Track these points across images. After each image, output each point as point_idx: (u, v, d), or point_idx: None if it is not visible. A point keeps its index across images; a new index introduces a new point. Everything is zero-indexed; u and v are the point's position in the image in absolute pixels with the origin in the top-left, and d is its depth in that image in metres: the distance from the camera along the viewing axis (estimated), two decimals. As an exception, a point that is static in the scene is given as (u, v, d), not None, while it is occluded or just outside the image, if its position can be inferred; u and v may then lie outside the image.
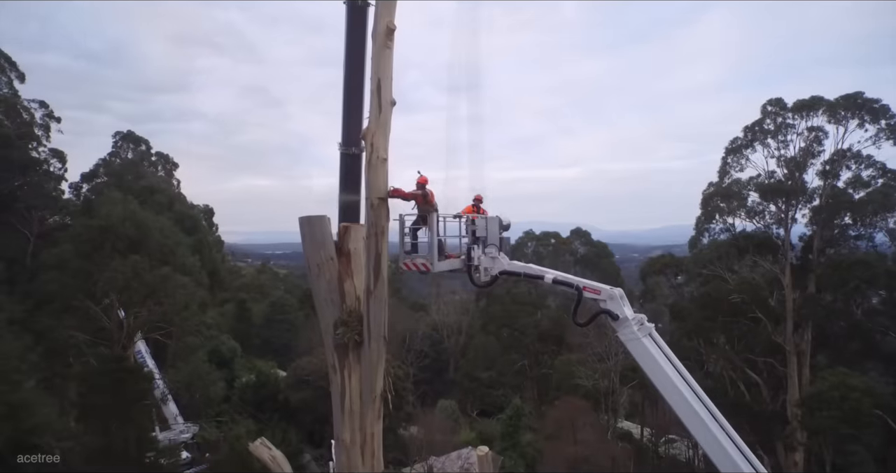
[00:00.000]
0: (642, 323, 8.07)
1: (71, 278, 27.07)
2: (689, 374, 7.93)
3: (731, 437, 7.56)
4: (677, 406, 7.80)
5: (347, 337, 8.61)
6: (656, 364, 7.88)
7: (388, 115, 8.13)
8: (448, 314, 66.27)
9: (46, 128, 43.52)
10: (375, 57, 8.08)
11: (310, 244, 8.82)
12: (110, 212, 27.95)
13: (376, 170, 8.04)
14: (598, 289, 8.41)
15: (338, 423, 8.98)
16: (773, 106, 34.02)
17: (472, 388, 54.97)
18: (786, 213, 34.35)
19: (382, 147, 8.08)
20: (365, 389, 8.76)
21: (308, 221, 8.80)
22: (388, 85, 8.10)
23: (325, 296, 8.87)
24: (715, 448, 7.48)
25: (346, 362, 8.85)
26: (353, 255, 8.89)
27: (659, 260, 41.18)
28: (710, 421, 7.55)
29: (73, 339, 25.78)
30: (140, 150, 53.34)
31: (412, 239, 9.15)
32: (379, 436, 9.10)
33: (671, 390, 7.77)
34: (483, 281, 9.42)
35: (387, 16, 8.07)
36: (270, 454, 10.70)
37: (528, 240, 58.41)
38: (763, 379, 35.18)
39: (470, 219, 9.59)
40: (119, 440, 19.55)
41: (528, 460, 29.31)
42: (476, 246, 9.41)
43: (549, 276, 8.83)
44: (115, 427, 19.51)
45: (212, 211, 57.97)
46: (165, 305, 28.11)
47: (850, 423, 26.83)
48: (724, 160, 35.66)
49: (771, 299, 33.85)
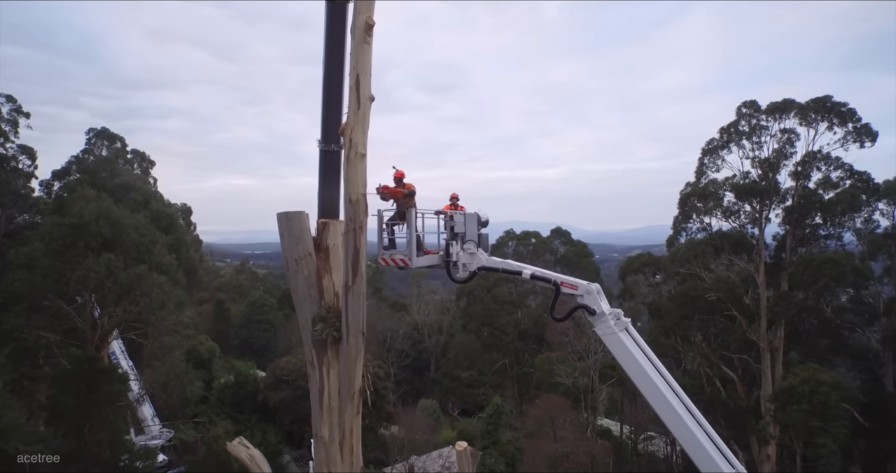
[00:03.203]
0: (619, 318, 8.19)
1: (41, 277, 26.30)
2: (664, 368, 8.08)
3: (704, 429, 7.72)
4: (653, 400, 7.94)
5: (326, 333, 8.55)
6: (632, 358, 8.01)
7: (367, 111, 8.11)
8: (429, 313, 66.34)
9: (14, 123, 42.14)
10: (354, 52, 8.04)
11: (288, 240, 8.76)
12: (83, 209, 27.22)
13: (355, 165, 8.01)
14: (576, 285, 8.52)
15: (316, 420, 8.91)
16: (747, 108, 34.76)
17: (453, 387, 55.12)
18: (760, 213, 35.13)
19: (361, 142, 8.05)
20: (343, 385, 8.71)
21: (286, 217, 8.74)
22: (366, 80, 8.07)
23: (303, 292, 8.81)
24: (690, 441, 7.64)
25: (324, 358, 8.79)
26: (332, 251, 8.85)
27: (637, 260, 41.75)
28: (684, 414, 7.70)
29: (43, 340, 25.06)
30: (115, 148, 52.14)
31: (389, 235, 9.15)
32: (358, 432, 9.06)
33: (647, 383, 7.90)
34: (461, 276, 9.46)
35: (366, 11, 8.03)
36: (248, 453, 10.52)
37: (508, 240, 58.69)
38: (738, 375, 35.92)
39: (449, 215, 9.62)
40: (92, 443, 19.09)
41: (509, 458, 29.48)
42: (454, 243, 9.43)
43: (527, 272, 8.91)
44: (88, 430, 19.06)
45: (189, 209, 57.02)
46: (141, 304, 27.52)
47: (819, 416, 27.61)
48: (700, 161, 36.35)
49: (746, 297, 34.57)
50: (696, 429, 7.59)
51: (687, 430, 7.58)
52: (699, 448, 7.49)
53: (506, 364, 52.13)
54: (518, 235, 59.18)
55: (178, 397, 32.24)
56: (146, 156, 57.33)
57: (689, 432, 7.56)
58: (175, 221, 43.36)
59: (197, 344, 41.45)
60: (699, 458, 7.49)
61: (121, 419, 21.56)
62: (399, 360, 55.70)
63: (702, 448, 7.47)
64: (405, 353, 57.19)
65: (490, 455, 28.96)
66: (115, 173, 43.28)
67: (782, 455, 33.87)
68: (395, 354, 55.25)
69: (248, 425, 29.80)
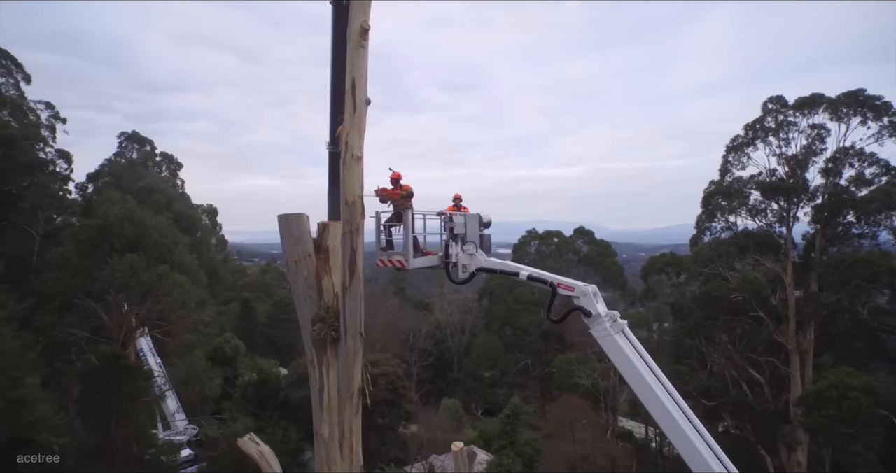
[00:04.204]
0: (615, 320, 8.11)
1: (70, 277, 27.45)
2: (660, 371, 7.97)
3: (702, 435, 7.60)
4: (648, 403, 7.85)
5: (324, 333, 8.70)
6: (628, 361, 7.93)
7: (363, 114, 8.23)
8: (451, 313, 66.37)
9: (52, 128, 43.97)
10: (350, 56, 8.16)
11: (287, 242, 8.93)
12: (108, 211, 28.31)
13: (351, 168, 8.13)
14: (572, 286, 8.47)
15: (316, 418, 9.08)
16: (773, 103, 33.78)
17: (476, 387, 55.12)
18: (787, 211, 34.10)
19: (357, 145, 8.17)
20: (342, 384, 8.86)
21: (286, 219, 8.91)
22: (362, 84, 8.19)
23: (303, 293, 8.98)
24: (685, 445, 7.54)
25: (323, 358, 8.95)
26: (332, 252, 8.99)
27: (659, 259, 40.97)
28: (678, 416, 7.59)
29: (72, 337, 26.16)
30: (144, 150, 53.86)
31: (387, 237, 9.24)
32: (358, 431, 9.19)
33: (642, 386, 7.82)
34: (461, 277, 9.48)
35: (361, 15, 8.13)
36: (258, 449, 10.73)
37: (530, 240, 58.30)
38: (766, 378, 34.94)
39: (448, 216, 9.66)
40: (117, 437, 19.80)
41: (526, 459, 29.33)
42: (454, 243, 9.47)
43: (524, 273, 8.89)
44: (114, 424, 19.79)
45: (215, 210, 58.39)
46: (162, 303, 28.42)
47: (849, 423, 26.61)
48: (724, 158, 35.47)
49: (773, 298, 33.60)
50: (689, 430, 7.49)
51: (680, 431, 7.50)
52: (693, 450, 7.41)
53: (528, 364, 51.89)
54: (540, 235, 58.70)
55: (197, 394, 33.12)
56: (174, 158, 59.04)
57: (683, 433, 7.48)
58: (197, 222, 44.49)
59: (222, 343, 42.48)
60: (692, 459, 7.40)
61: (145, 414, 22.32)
62: (422, 359, 55.96)
63: (695, 449, 7.39)
64: (428, 352, 57.41)
65: (507, 456, 28.87)
66: (139, 176, 44.67)
67: (814, 461, 32.76)
68: (417, 353, 55.52)
69: (269, 422, 30.41)
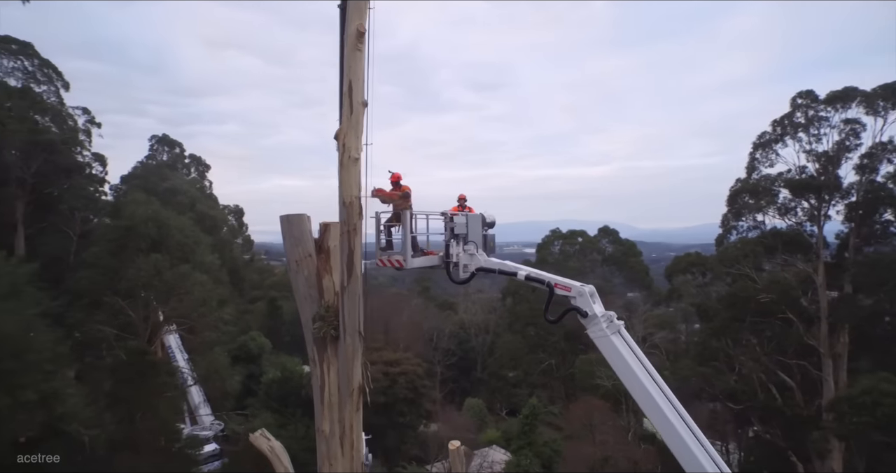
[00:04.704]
0: (612, 321, 8.06)
1: (100, 275, 28.68)
2: (657, 373, 7.89)
3: (698, 439, 7.50)
4: (644, 405, 7.78)
5: (324, 331, 8.88)
6: (624, 362, 7.87)
7: (360, 116, 8.36)
8: (475, 313, 66.35)
9: (88, 133, 45.85)
10: (347, 59, 8.32)
11: (289, 242, 9.13)
12: (134, 212, 29.49)
13: (348, 169, 8.28)
14: (569, 286, 8.44)
15: (318, 414, 9.27)
16: (803, 98, 32.62)
17: (500, 387, 54.95)
18: (818, 210, 32.91)
19: (354, 147, 8.33)
20: (342, 382, 9.02)
21: (287, 220, 9.12)
22: (359, 86, 8.33)
23: (304, 292, 9.17)
24: (681, 449, 7.43)
25: (324, 355, 9.13)
26: (333, 252, 9.16)
27: (684, 259, 40.08)
28: (674, 419, 7.49)
29: (101, 333, 27.36)
30: (174, 153, 55.59)
31: (387, 236, 9.36)
32: (358, 428, 9.34)
33: (638, 388, 7.75)
34: (461, 277, 9.54)
35: (357, 19, 8.29)
36: (269, 445, 11.01)
37: (554, 239, 57.85)
38: (797, 382, 33.82)
39: (449, 216, 9.72)
40: (143, 430, 20.59)
41: (545, 459, 29.10)
42: (454, 243, 9.52)
43: (521, 273, 8.90)
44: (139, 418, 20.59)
45: (241, 210, 59.76)
46: (184, 301, 29.40)
47: (884, 430, 25.53)
48: (751, 156, 34.44)
49: (803, 299, 32.53)
50: (685, 434, 7.39)
51: (676, 435, 7.41)
52: (689, 455, 7.31)
53: (552, 364, 51.54)
54: (564, 234, 58.19)
55: (217, 390, 34.07)
56: (202, 160, 60.76)
57: (679, 437, 7.40)
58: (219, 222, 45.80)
59: (248, 340, 43.57)
60: (689, 464, 7.30)
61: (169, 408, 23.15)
62: (445, 359, 56.13)
63: (692, 453, 7.30)
64: (451, 352, 57.54)
65: (525, 457, 28.71)
66: (164, 177, 46.22)
67: (849, 470, 31.51)
68: (441, 353, 55.71)
69: (292, 419, 31.06)
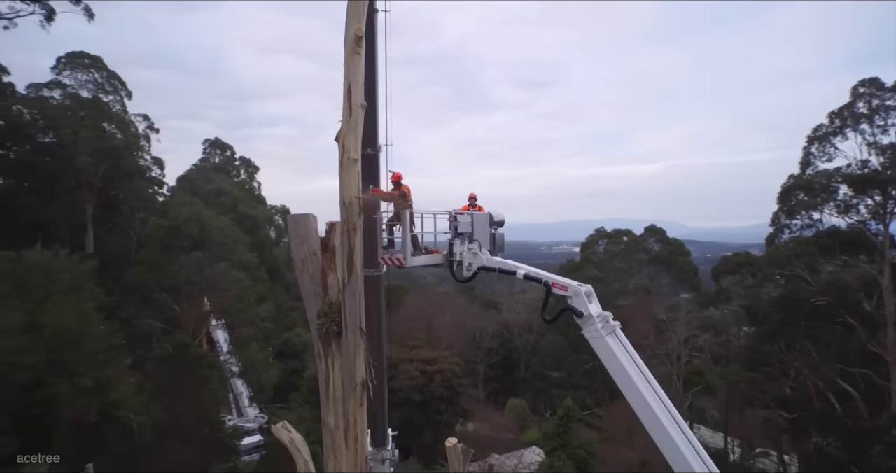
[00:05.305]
0: (607, 321, 7.92)
1: (149, 272, 30.58)
2: (651, 375, 7.69)
3: (692, 444, 7.27)
4: (638, 408, 7.61)
5: (327, 327, 9.16)
6: (618, 363, 7.72)
7: (359, 118, 8.56)
8: (519, 312, 65.74)
9: (148, 138, 48.86)
10: (346, 62, 8.51)
11: (295, 241, 9.42)
12: (178, 213, 31.25)
13: (348, 170, 8.50)
14: (566, 286, 8.34)
15: (324, 408, 9.56)
16: (866, 87, 30.43)
17: (543, 387, 54.36)
18: (884, 207, 30.64)
19: (353, 148, 8.53)
20: (346, 377, 9.28)
21: (293, 219, 9.42)
22: (358, 89, 8.53)
23: (309, 290, 9.45)
24: (673, 453, 7.23)
25: (329, 351, 9.40)
26: (337, 251, 9.45)
27: (732, 260, 38.25)
28: (668, 423, 7.29)
29: (149, 326, 29.21)
30: (226, 155, 58.31)
31: (389, 235, 9.55)
32: (363, 422, 9.57)
33: (632, 390, 7.59)
34: (465, 276, 9.61)
35: (356, 23, 8.47)
36: (290, 436, 11.43)
37: (598, 239, 56.62)
38: (860, 391, 31.60)
39: (452, 215, 9.80)
40: (186, 419, 21.85)
41: (579, 462, 28.56)
42: (458, 242, 9.60)
43: (521, 272, 8.87)
44: (182, 407, 21.89)
45: (287, 211, 61.70)
46: (223, 298, 30.90)
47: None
48: (806, 150, 32.43)
49: (866, 303, 30.38)
50: (679, 438, 7.18)
51: (669, 439, 7.21)
52: (681, 459, 7.09)
53: (595, 365, 50.43)
54: (609, 233, 56.85)
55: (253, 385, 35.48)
56: (251, 162, 63.38)
57: (671, 440, 7.20)
58: (260, 223, 47.73)
59: (292, 337, 45.09)
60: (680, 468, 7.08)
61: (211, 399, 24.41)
62: (488, 358, 56.05)
63: (684, 458, 7.08)
64: (494, 351, 57.38)
65: (559, 458, 28.28)
66: (209, 179, 48.61)
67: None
68: (483, 352, 55.66)
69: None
